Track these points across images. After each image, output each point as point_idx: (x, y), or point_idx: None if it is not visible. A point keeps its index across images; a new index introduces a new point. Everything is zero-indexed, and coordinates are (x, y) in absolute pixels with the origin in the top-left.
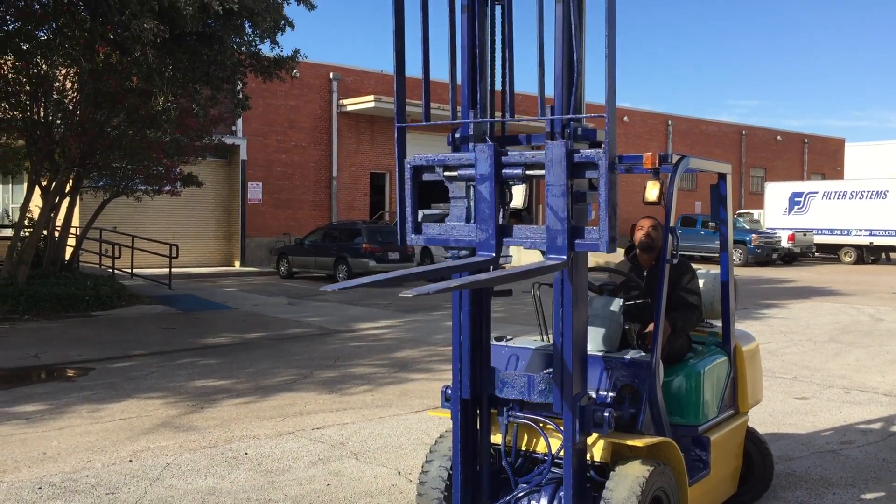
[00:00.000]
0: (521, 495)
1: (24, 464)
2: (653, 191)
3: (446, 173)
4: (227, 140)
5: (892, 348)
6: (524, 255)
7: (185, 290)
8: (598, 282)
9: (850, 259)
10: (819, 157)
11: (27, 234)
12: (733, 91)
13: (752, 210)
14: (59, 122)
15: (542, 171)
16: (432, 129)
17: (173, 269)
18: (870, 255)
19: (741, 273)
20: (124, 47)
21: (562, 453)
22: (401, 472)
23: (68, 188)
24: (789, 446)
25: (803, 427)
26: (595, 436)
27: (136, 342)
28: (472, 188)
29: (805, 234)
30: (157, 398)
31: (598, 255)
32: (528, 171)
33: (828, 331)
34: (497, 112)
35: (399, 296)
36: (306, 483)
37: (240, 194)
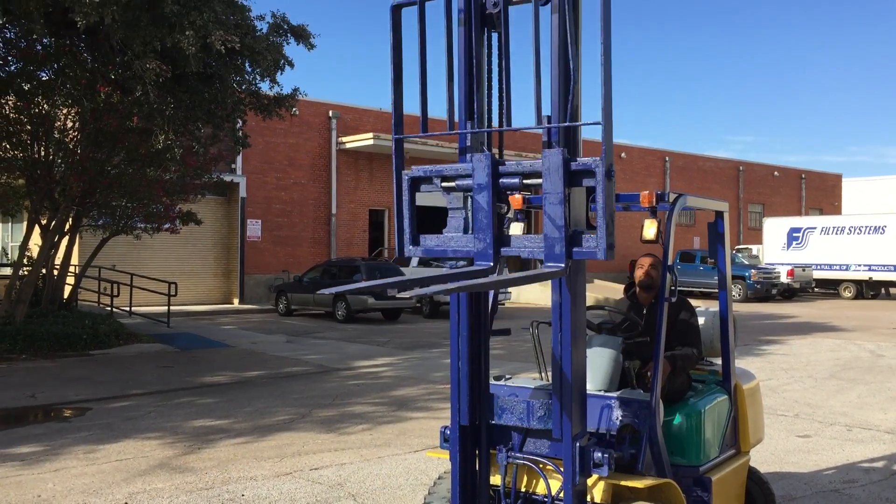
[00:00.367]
0: None
1: None
2: (650, 229)
3: (444, 184)
4: (227, 178)
5: (893, 385)
6: (523, 291)
7: (183, 327)
8: (597, 320)
9: (849, 294)
10: (817, 192)
11: (26, 273)
12: (730, 127)
13: (750, 245)
14: (59, 161)
15: (539, 180)
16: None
17: (172, 307)
18: (869, 290)
19: (741, 308)
20: (125, 87)
21: (562, 495)
22: None
23: (68, 227)
24: (792, 486)
25: (805, 466)
26: (595, 477)
27: (133, 381)
28: (469, 199)
29: (804, 270)
30: (153, 438)
31: (597, 290)
32: (525, 180)
33: (829, 367)
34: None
35: (396, 295)
36: None
37: (239, 231)
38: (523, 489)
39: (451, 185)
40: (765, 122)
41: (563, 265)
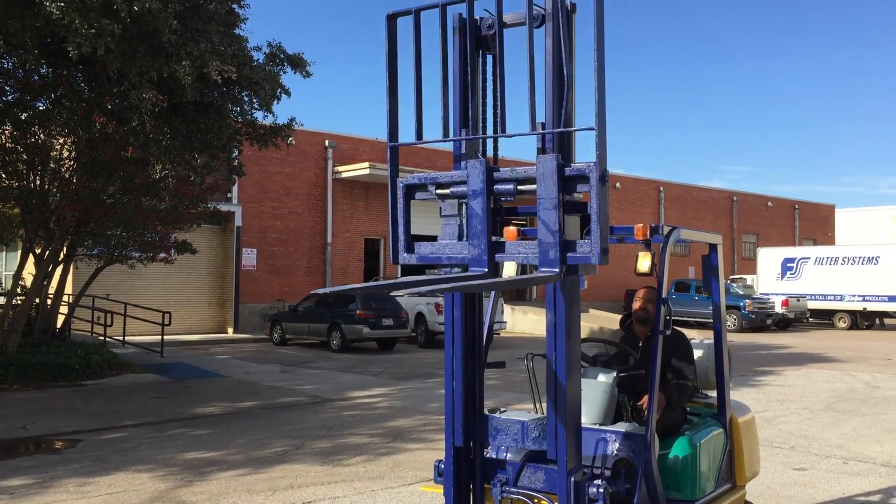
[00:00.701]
0: None
1: None
2: (644, 262)
3: (438, 191)
4: (222, 207)
5: (889, 417)
6: (518, 321)
7: (177, 357)
8: (592, 352)
9: (844, 325)
10: (810, 222)
11: (19, 302)
12: (724, 157)
13: (745, 275)
14: (55, 190)
15: (533, 186)
16: (430, 201)
17: (166, 336)
18: (864, 320)
19: (736, 339)
20: (121, 117)
21: None
22: None
23: (62, 256)
24: None
25: (802, 500)
26: None
27: (125, 412)
28: (463, 206)
29: (798, 300)
30: (146, 471)
31: (592, 320)
32: (519, 186)
33: (824, 398)
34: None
35: (389, 294)
36: None
37: (234, 260)
38: None
39: (446, 192)
40: (759, 153)
41: (557, 270)
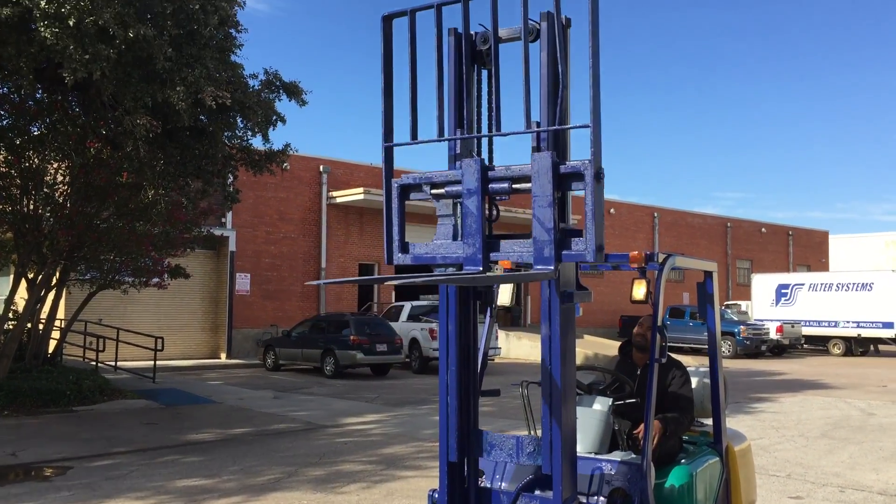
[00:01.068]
0: None
1: None
2: (639, 289)
3: (433, 191)
4: (217, 231)
5: (885, 444)
6: (512, 347)
7: (169, 383)
8: (588, 380)
9: (838, 351)
10: (804, 249)
11: (11, 327)
12: (718, 183)
13: (739, 301)
14: (48, 215)
15: (528, 185)
16: (428, 221)
17: (158, 362)
18: (858, 346)
19: (730, 365)
20: (116, 142)
21: None
22: None
23: (55, 281)
24: None
25: None
26: None
27: (116, 439)
28: (458, 206)
29: (793, 326)
30: (137, 499)
31: (587, 346)
32: (514, 185)
33: (820, 426)
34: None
35: (385, 284)
36: None
37: (227, 285)
38: None
39: (441, 191)
40: (752, 179)
41: (552, 267)
